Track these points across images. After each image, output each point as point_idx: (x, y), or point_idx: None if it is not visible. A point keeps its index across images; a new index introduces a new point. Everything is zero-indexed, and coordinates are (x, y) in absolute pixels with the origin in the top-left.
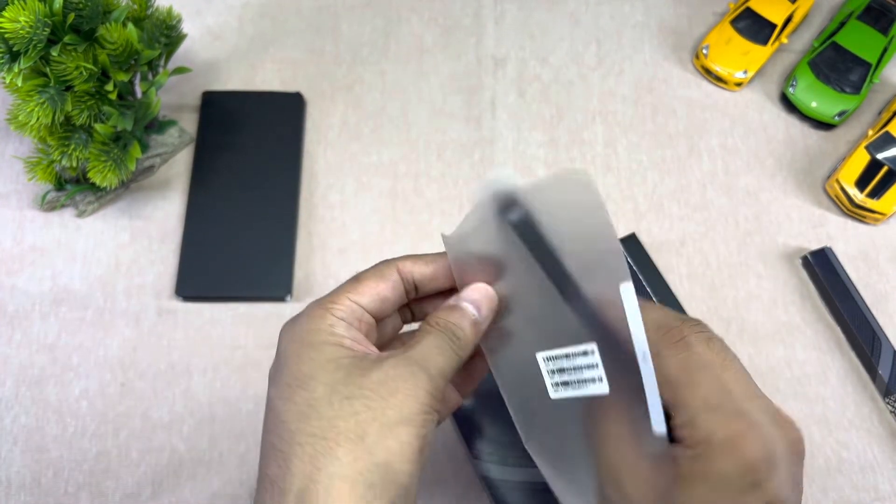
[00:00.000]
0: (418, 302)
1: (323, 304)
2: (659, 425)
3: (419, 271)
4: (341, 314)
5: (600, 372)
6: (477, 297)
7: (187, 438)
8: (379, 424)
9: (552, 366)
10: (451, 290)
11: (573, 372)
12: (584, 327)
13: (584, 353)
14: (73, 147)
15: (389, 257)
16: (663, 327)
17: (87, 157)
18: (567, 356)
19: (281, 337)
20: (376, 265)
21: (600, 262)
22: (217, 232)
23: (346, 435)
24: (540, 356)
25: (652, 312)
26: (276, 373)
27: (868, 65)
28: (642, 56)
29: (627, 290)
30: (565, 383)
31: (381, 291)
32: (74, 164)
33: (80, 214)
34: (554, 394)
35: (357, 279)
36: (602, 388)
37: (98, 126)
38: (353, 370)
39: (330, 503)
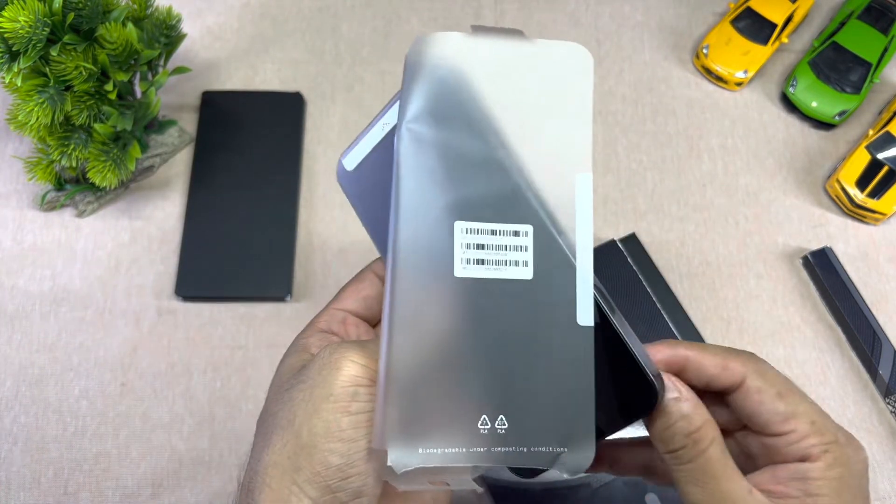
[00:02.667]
0: None
1: (310, 324)
2: (586, 317)
3: None
4: (323, 326)
5: (528, 256)
6: None
7: (187, 438)
8: (305, 405)
9: (470, 239)
10: None
11: (494, 250)
12: (519, 208)
13: (516, 234)
14: (72, 147)
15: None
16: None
17: (87, 157)
18: (493, 232)
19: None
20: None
21: (560, 146)
22: (217, 232)
23: (280, 423)
24: (458, 225)
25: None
26: None
27: (868, 64)
28: (642, 56)
29: (585, 181)
30: (479, 261)
31: (360, 290)
32: (74, 164)
33: (80, 214)
34: (461, 270)
35: (339, 291)
36: (525, 272)
37: (98, 126)
38: (303, 367)
39: (264, 490)
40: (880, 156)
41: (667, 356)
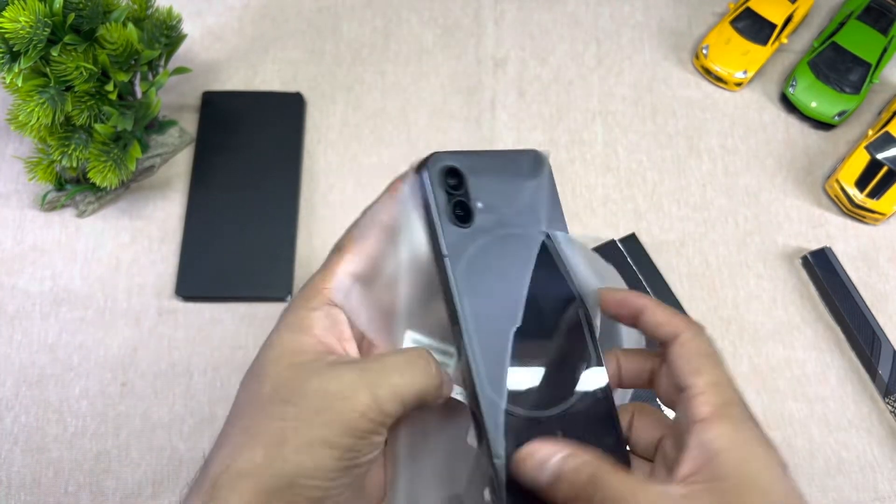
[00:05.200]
0: None
1: (315, 282)
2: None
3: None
4: (329, 295)
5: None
6: None
7: (187, 438)
8: (299, 437)
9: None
10: None
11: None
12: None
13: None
14: (73, 147)
15: None
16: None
17: (88, 157)
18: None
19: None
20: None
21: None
22: (217, 232)
23: (268, 437)
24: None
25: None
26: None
27: (868, 65)
28: (642, 56)
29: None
30: None
31: (365, 248)
32: (74, 164)
33: (81, 214)
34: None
35: (340, 248)
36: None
37: (98, 126)
38: (301, 371)
39: (233, 497)
40: (880, 156)
41: (631, 300)
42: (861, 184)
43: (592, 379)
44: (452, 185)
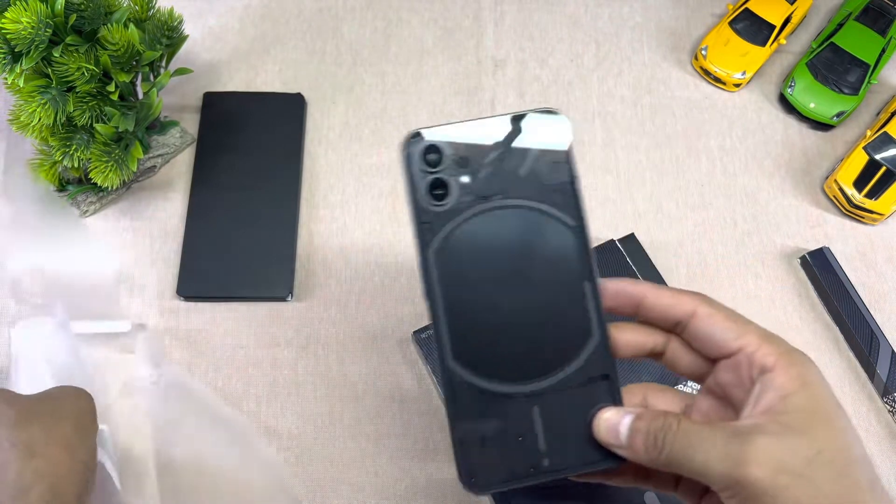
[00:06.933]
0: None
1: None
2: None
3: None
4: None
5: None
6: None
7: None
8: None
9: None
10: None
11: None
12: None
13: None
14: (74, 148)
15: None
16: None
17: (89, 157)
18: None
19: None
20: None
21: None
22: (218, 232)
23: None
24: None
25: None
26: None
27: (866, 66)
28: (641, 57)
29: None
30: None
31: None
32: (76, 165)
33: (82, 215)
34: None
35: None
36: None
37: (100, 127)
38: None
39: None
40: (878, 156)
41: (629, 290)
42: (859, 184)
43: (590, 351)
44: (431, 162)
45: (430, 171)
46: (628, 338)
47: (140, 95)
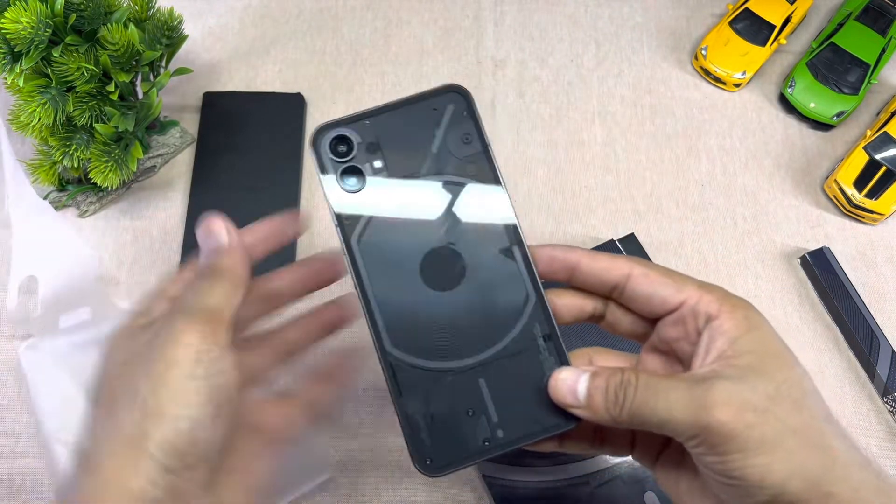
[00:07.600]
0: None
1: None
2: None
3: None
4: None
5: None
6: (213, 228)
7: None
8: (148, 375)
9: None
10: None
11: None
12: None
13: None
14: (74, 147)
15: None
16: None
17: (89, 157)
18: None
19: None
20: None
21: None
22: None
23: (122, 393)
24: None
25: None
26: None
27: (866, 65)
28: (641, 57)
29: None
30: None
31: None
32: (76, 165)
33: (82, 215)
34: None
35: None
36: None
37: (99, 126)
38: (138, 336)
39: (111, 457)
40: (878, 156)
41: (562, 255)
42: (859, 184)
43: (528, 314)
44: (341, 153)
45: (341, 161)
46: (566, 301)
47: (140, 95)
